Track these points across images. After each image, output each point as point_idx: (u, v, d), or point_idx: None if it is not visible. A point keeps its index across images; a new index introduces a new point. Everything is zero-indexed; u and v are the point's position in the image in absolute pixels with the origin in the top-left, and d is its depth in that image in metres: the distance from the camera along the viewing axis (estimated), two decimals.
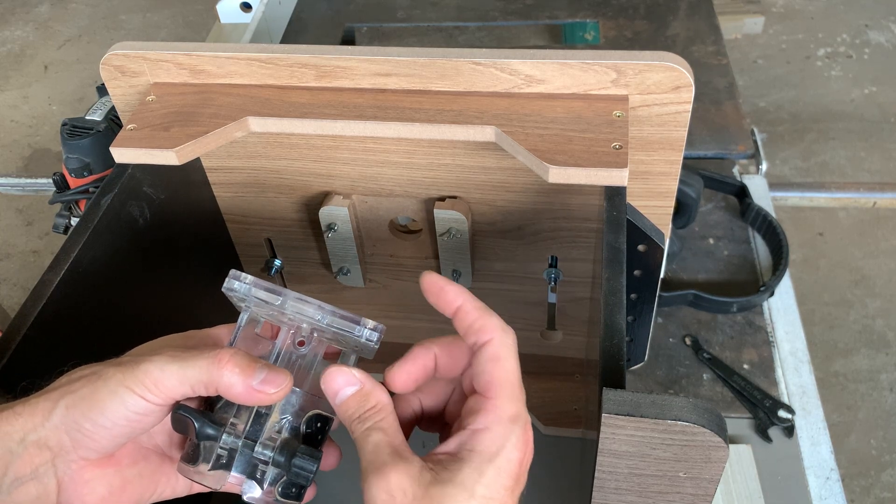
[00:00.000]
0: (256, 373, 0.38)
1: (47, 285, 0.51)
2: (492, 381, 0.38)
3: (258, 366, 0.38)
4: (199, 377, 0.38)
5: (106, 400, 0.37)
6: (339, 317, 0.41)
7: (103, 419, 0.37)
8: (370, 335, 0.41)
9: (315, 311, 0.41)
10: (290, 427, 0.40)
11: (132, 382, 0.37)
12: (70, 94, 2.54)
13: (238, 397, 0.38)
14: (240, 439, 0.39)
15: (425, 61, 0.57)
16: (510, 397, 0.38)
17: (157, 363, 0.37)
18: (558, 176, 0.52)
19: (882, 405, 1.62)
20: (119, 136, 0.58)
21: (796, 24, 2.57)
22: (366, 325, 0.41)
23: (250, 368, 0.38)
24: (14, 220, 2.15)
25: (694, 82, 0.55)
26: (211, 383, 0.38)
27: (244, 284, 0.41)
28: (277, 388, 0.38)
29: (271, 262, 0.75)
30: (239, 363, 0.38)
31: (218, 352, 0.38)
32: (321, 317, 0.41)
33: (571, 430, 0.75)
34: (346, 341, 0.42)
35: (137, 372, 0.37)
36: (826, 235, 1.93)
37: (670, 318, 0.87)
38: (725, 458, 0.41)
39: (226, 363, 0.38)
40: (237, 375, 0.38)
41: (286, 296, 0.41)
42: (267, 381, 0.38)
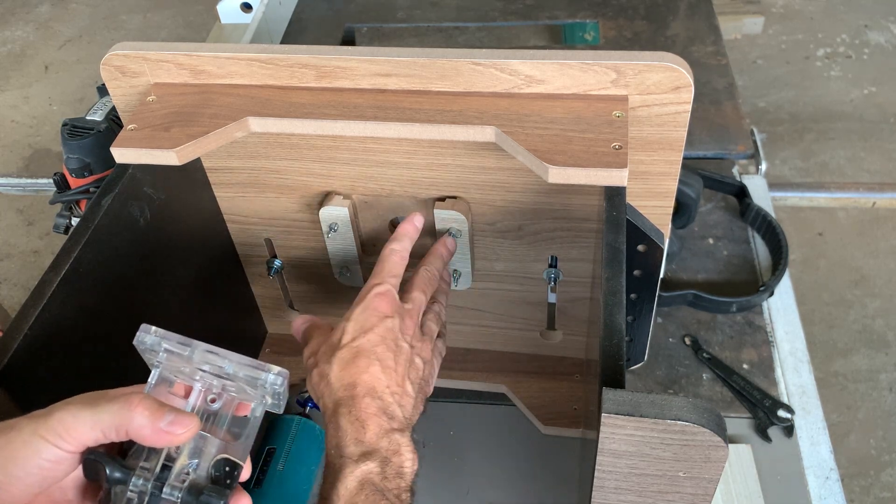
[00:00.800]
0: (165, 415, 0.39)
1: (48, 285, 0.51)
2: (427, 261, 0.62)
3: (167, 409, 0.40)
4: (111, 421, 0.39)
5: (19, 450, 0.38)
6: (246, 365, 0.43)
7: (16, 469, 0.38)
8: (274, 380, 0.43)
9: (222, 360, 0.43)
10: (199, 471, 0.42)
11: (45, 431, 0.38)
12: (70, 95, 2.54)
13: (147, 439, 0.39)
14: (149, 482, 0.40)
15: (425, 61, 0.58)
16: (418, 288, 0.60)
17: (70, 410, 0.39)
18: (558, 176, 0.52)
19: (881, 405, 1.62)
20: (119, 136, 0.58)
21: (796, 24, 2.57)
22: (270, 371, 0.43)
23: (159, 411, 0.39)
24: (15, 221, 2.15)
25: (693, 82, 0.55)
26: (122, 426, 0.39)
27: (154, 337, 0.43)
28: (185, 429, 0.40)
29: (271, 262, 0.75)
30: (149, 406, 0.39)
31: (129, 396, 0.39)
32: (227, 366, 0.43)
33: (571, 430, 0.75)
34: (255, 394, 0.44)
35: (51, 420, 0.38)
36: (825, 235, 1.93)
37: (670, 317, 0.87)
38: (725, 457, 0.41)
39: (136, 406, 0.39)
40: (146, 418, 0.39)
41: (194, 346, 0.43)
42: (175, 423, 0.40)
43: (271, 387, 0.43)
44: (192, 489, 0.41)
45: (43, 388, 0.49)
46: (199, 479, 0.41)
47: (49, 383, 0.50)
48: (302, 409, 0.79)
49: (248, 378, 0.43)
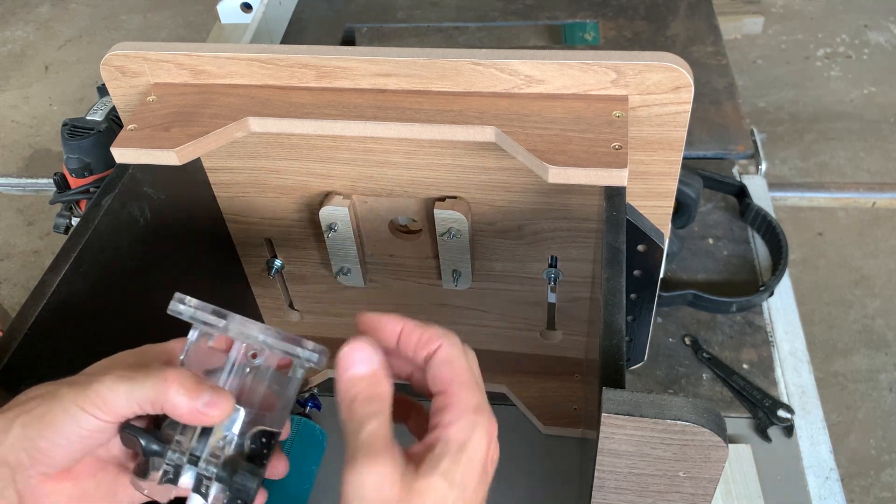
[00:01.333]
0: (201, 395, 0.39)
1: (48, 285, 0.51)
2: (450, 380, 0.40)
3: (202, 388, 0.39)
4: (147, 396, 0.39)
5: (59, 419, 0.38)
6: (282, 339, 0.42)
7: (57, 437, 0.38)
8: (310, 356, 0.42)
9: (258, 332, 0.42)
10: (235, 444, 0.41)
11: (83, 401, 0.38)
12: (71, 95, 2.54)
13: (182, 417, 0.39)
14: (184, 455, 0.40)
15: (425, 62, 0.58)
16: (469, 390, 0.40)
17: (107, 383, 0.38)
18: (558, 176, 0.52)
19: (881, 405, 1.62)
20: (119, 136, 0.58)
21: (796, 24, 2.57)
22: (306, 347, 0.42)
23: (195, 391, 0.39)
24: (15, 221, 2.15)
25: (693, 82, 0.55)
26: (157, 402, 0.39)
27: (188, 308, 0.42)
28: (220, 411, 0.39)
29: (271, 262, 0.75)
30: (184, 384, 0.39)
31: (165, 372, 0.39)
32: (264, 338, 0.42)
33: (571, 430, 0.75)
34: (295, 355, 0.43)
35: (89, 391, 0.38)
36: (825, 235, 1.93)
37: (670, 317, 0.87)
38: (725, 457, 0.41)
39: (171, 383, 0.39)
40: (182, 396, 0.39)
41: (230, 319, 0.42)
42: (210, 404, 0.39)
43: (306, 360, 0.42)
44: (227, 464, 0.40)
45: None
46: (234, 454, 0.41)
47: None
48: (302, 409, 0.79)
49: (284, 351, 0.42)
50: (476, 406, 0.39)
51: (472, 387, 0.40)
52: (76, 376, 0.41)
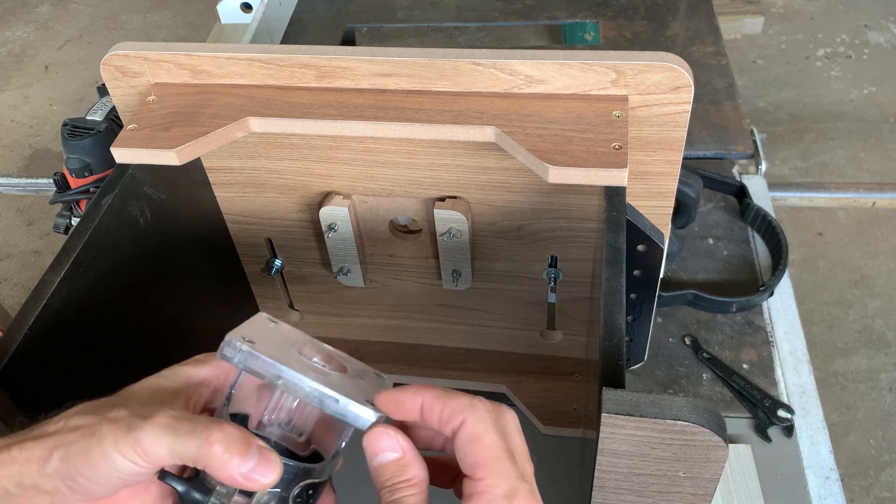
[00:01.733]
0: (247, 458, 0.37)
1: (48, 285, 0.51)
2: (476, 463, 0.38)
3: (249, 448, 0.37)
4: (190, 453, 0.37)
5: (98, 460, 0.37)
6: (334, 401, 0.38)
7: (95, 476, 0.37)
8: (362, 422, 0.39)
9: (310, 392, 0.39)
10: (279, 498, 0.39)
11: (124, 448, 0.37)
12: (71, 95, 2.54)
13: (226, 482, 0.37)
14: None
15: (425, 62, 0.58)
16: (499, 474, 0.38)
17: (149, 433, 0.37)
18: (558, 176, 0.52)
19: (881, 405, 1.62)
20: (120, 136, 0.58)
21: (796, 24, 2.57)
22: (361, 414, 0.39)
23: (241, 454, 0.37)
24: (15, 220, 2.15)
25: (693, 83, 0.55)
26: (200, 460, 0.37)
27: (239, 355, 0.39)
28: (266, 479, 0.37)
29: (271, 262, 0.75)
30: (229, 447, 0.37)
31: (211, 430, 0.37)
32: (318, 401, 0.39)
33: (571, 430, 0.75)
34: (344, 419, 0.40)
35: (129, 439, 0.37)
36: (825, 235, 1.93)
37: (670, 317, 0.87)
38: (725, 457, 0.41)
39: (216, 444, 0.37)
40: (227, 462, 0.37)
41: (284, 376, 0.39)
42: (256, 470, 0.37)
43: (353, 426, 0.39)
44: None
45: (43, 388, 0.50)
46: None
47: (49, 383, 0.50)
48: None
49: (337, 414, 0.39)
50: (507, 492, 0.38)
51: (503, 468, 0.38)
52: (116, 406, 0.39)
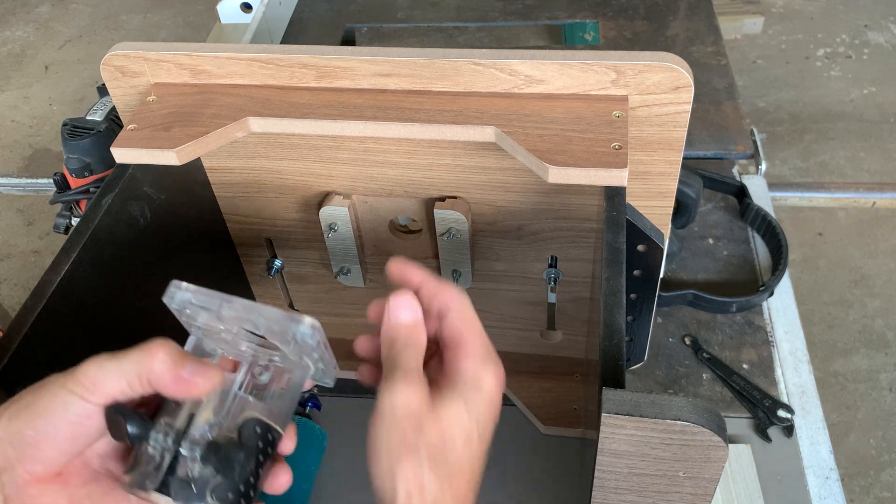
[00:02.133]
0: (187, 364, 0.39)
1: (48, 285, 0.51)
2: (463, 331, 0.44)
3: (189, 358, 0.39)
4: (134, 369, 0.38)
5: (48, 405, 0.37)
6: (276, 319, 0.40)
7: (46, 424, 0.37)
8: (304, 331, 0.39)
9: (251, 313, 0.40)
10: (223, 429, 0.39)
11: (72, 384, 0.38)
12: (71, 95, 2.54)
13: (167, 388, 0.39)
14: (169, 436, 0.38)
15: (425, 62, 0.58)
16: (481, 338, 0.44)
17: (96, 361, 0.38)
18: (558, 176, 0.52)
19: (881, 405, 1.62)
20: (119, 136, 0.58)
21: (796, 24, 2.57)
22: (302, 322, 0.39)
23: (181, 359, 0.39)
24: (15, 220, 2.15)
25: (693, 83, 0.55)
26: (143, 375, 0.38)
27: (184, 293, 0.41)
28: (206, 380, 0.39)
29: (271, 262, 0.76)
30: (170, 353, 0.39)
31: (151, 343, 0.39)
32: (257, 319, 0.40)
33: (571, 430, 0.75)
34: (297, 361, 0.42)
35: (77, 373, 0.38)
36: (825, 235, 1.93)
37: (670, 317, 0.87)
38: (725, 457, 0.41)
39: (156, 351, 0.38)
40: (166, 364, 0.38)
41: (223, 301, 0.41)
42: (196, 373, 0.39)
43: (302, 339, 0.39)
44: (212, 446, 0.38)
45: None
46: (223, 439, 0.39)
47: None
48: (302, 409, 0.79)
49: (279, 332, 0.40)
50: (487, 350, 0.44)
51: (483, 337, 0.45)
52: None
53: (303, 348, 0.41)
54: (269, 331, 0.40)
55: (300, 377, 0.43)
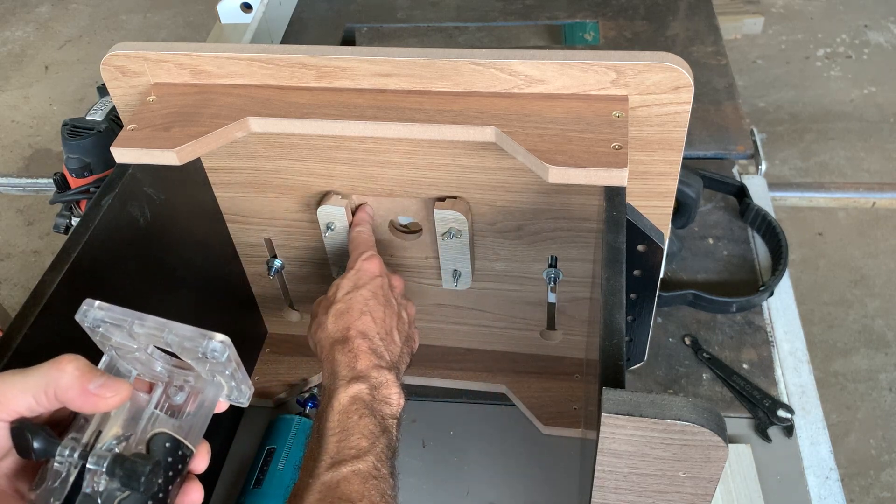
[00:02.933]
0: (95, 377, 0.38)
1: (48, 285, 0.51)
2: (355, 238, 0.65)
3: (97, 372, 0.38)
4: (40, 383, 0.38)
5: None
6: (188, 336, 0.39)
7: None
8: (214, 346, 0.39)
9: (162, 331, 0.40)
10: (131, 444, 0.39)
11: None
12: (71, 95, 2.54)
13: (75, 401, 0.38)
14: (76, 452, 0.37)
15: (425, 62, 0.58)
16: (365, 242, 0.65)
17: (2, 376, 0.38)
18: (558, 176, 0.52)
19: (881, 405, 1.62)
20: (120, 136, 0.58)
21: (796, 24, 2.57)
22: (212, 339, 0.39)
23: (89, 373, 0.38)
24: (15, 221, 2.15)
25: (693, 82, 0.55)
26: (50, 389, 0.38)
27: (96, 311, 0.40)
28: (114, 394, 0.38)
29: (271, 262, 0.75)
30: (78, 366, 0.38)
31: (60, 358, 0.38)
32: (168, 336, 0.40)
33: (571, 430, 0.75)
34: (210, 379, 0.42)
35: None
36: (825, 235, 1.93)
37: (670, 317, 0.87)
38: (725, 457, 0.41)
39: (64, 365, 0.38)
40: (74, 378, 0.38)
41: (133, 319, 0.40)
42: (104, 386, 0.38)
43: (212, 355, 0.39)
44: (118, 459, 0.37)
45: None
46: (130, 454, 0.38)
47: None
48: (302, 409, 0.79)
49: (191, 349, 0.40)
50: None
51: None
52: None
53: (214, 366, 0.41)
54: (181, 348, 0.40)
55: (213, 396, 0.42)
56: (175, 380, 0.42)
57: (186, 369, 0.42)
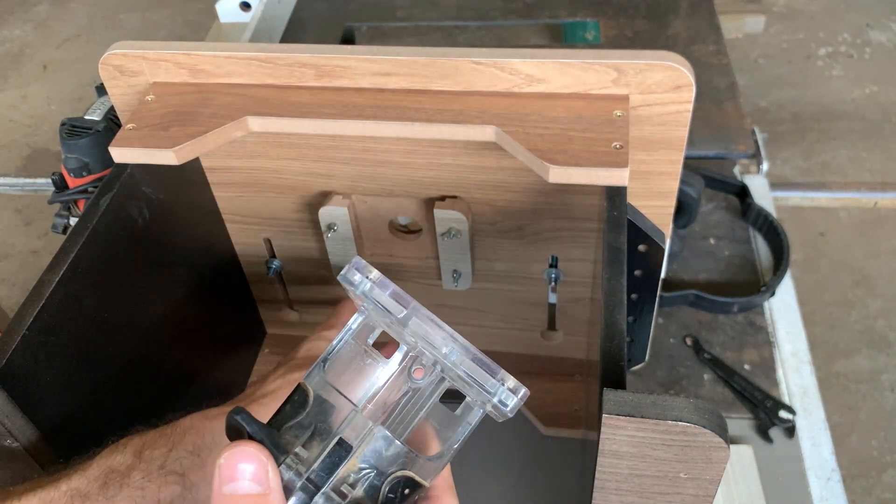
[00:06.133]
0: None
1: (46, 285, 0.50)
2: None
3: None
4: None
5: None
6: (472, 359, 0.32)
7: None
8: (506, 397, 0.32)
9: (444, 340, 0.33)
10: (370, 485, 0.31)
11: None
12: (69, 94, 2.54)
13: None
14: (300, 478, 0.31)
15: (425, 61, 0.57)
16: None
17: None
18: (559, 175, 0.52)
19: (883, 406, 1.62)
20: (118, 135, 0.57)
21: (797, 23, 2.57)
22: (504, 382, 0.32)
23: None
24: (13, 220, 2.15)
25: (695, 82, 0.55)
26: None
27: (365, 280, 0.33)
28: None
29: (271, 262, 0.75)
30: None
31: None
32: (448, 351, 0.33)
33: (572, 431, 0.75)
34: (474, 391, 0.34)
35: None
36: (827, 235, 1.93)
37: (671, 318, 0.87)
38: (726, 458, 0.41)
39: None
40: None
41: (414, 310, 0.33)
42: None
43: (498, 401, 0.33)
44: None
45: (42, 388, 0.49)
46: (363, 500, 0.31)
47: (48, 384, 0.50)
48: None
49: (471, 378, 0.33)
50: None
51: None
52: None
53: (489, 402, 0.33)
54: (456, 368, 0.33)
55: (474, 415, 0.34)
56: (425, 358, 0.34)
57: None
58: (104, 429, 0.51)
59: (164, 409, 0.49)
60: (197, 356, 0.69)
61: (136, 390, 0.60)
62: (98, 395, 0.55)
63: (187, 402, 0.49)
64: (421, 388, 0.34)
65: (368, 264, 0.34)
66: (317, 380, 0.34)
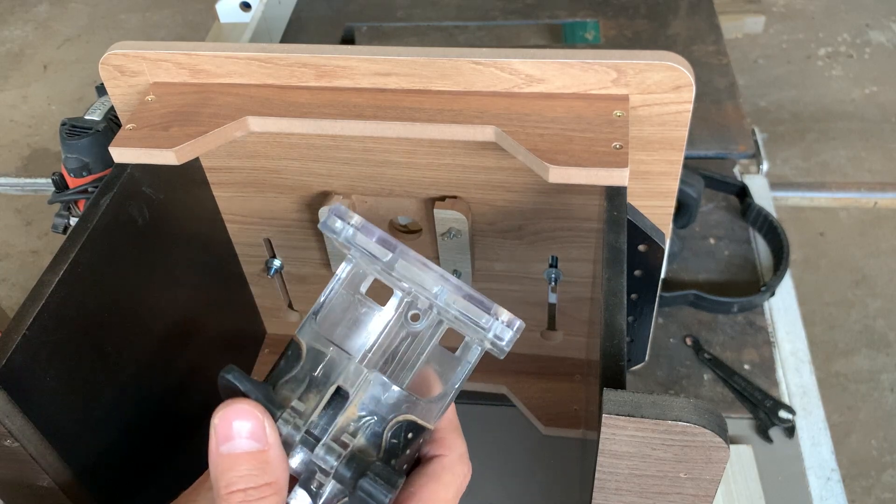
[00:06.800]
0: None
1: (46, 285, 0.50)
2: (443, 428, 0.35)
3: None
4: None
5: None
6: (465, 297, 0.31)
7: None
8: (501, 332, 0.32)
9: (434, 280, 0.32)
10: (371, 432, 0.31)
11: None
12: (69, 94, 2.54)
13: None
14: (299, 431, 0.30)
15: (425, 61, 0.57)
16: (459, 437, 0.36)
17: None
18: (558, 176, 0.52)
19: (883, 405, 1.62)
20: (118, 135, 0.57)
21: (797, 23, 2.57)
22: (498, 317, 0.31)
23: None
24: (13, 220, 2.15)
25: (694, 82, 0.55)
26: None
27: (347, 226, 0.32)
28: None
29: (270, 262, 0.75)
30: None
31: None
32: (439, 290, 0.32)
33: (572, 431, 0.75)
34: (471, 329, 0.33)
35: None
36: (827, 235, 1.93)
37: (671, 318, 0.87)
38: (726, 458, 0.41)
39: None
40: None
41: (401, 253, 0.32)
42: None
43: (493, 336, 0.32)
44: (353, 460, 0.29)
45: (42, 388, 0.49)
46: (367, 445, 0.30)
47: (48, 383, 0.50)
48: None
49: (465, 316, 0.32)
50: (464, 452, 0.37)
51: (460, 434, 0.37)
52: None
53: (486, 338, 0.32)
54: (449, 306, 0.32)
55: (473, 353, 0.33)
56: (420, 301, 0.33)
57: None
58: (104, 428, 0.51)
59: (164, 409, 0.49)
60: (197, 355, 0.69)
61: (136, 390, 0.60)
62: (98, 395, 0.55)
63: (187, 402, 0.49)
64: (420, 333, 0.33)
65: (349, 210, 0.33)
66: (309, 333, 0.34)
